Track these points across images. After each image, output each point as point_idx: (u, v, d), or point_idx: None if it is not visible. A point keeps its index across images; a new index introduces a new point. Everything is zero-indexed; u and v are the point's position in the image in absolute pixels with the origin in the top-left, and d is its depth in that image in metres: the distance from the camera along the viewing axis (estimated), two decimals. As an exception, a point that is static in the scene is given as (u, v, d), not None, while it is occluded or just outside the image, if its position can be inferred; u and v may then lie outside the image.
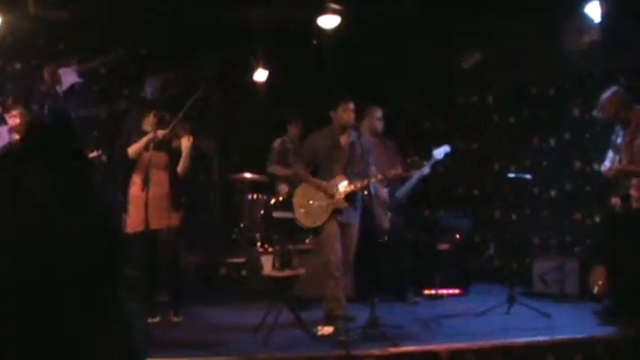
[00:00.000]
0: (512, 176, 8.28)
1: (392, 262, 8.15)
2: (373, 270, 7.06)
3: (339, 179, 6.84)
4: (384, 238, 7.94)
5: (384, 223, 7.93)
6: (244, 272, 9.23)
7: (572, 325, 6.66)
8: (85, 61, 9.55)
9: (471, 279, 9.00)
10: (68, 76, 9.33)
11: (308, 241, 8.72)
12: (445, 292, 8.71)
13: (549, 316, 6.83)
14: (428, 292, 8.64)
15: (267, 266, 8.21)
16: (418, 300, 8.26)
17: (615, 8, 7.59)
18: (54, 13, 8.88)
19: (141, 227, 6.58)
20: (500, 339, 6.05)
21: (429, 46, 9.78)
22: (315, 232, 7.11)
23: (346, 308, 6.79)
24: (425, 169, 8.01)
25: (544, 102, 9.65)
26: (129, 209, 7.11)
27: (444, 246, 8.98)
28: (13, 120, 7.52)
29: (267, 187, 9.85)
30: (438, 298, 8.61)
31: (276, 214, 9.09)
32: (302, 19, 8.84)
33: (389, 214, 8.05)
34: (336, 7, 8.39)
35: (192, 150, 7.03)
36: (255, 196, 9.73)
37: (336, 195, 6.76)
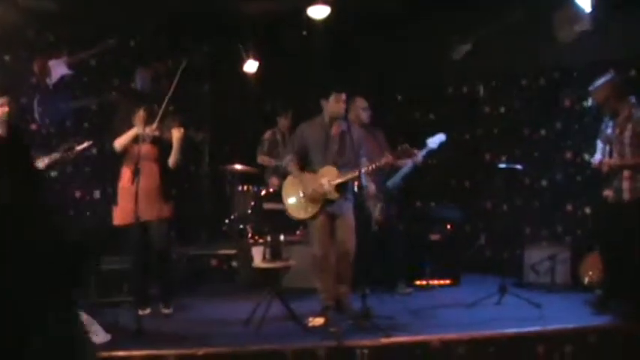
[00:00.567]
0: (503, 167, 8.27)
1: (383, 253, 8.14)
2: (364, 261, 7.04)
3: (329, 170, 6.81)
4: (375, 229, 7.92)
5: (374, 214, 7.92)
6: (235, 264, 9.22)
7: (563, 315, 6.65)
8: (75, 53, 9.51)
9: (462, 269, 9.01)
10: (58, 68, 9.29)
11: (298, 232, 8.72)
12: (436, 282, 8.73)
13: (540, 307, 6.83)
14: (419, 282, 8.65)
15: (258, 258, 8.24)
16: (409, 291, 8.26)
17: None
18: (43, 5, 8.83)
19: (131, 219, 6.57)
20: (491, 329, 6.05)
21: (418, 36, 9.77)
22: (306, 223, 7.09)
23: (350, 299, 6.81)
24: (417, 158, 7.96)
25: (535, 92, 9.65)
26: (119, 201, 7.10)
27: (435, 237, 8.99)
28: (1, 109, 7.48)
29: (258, 179, 9.83)
30: (429, 288, 8.62)
31: (267, 206, 9.07)
32: (292, 10, 8.81)
33: (379, 206, 8.03)
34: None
35: (183, 141, 7.01)
36: (246, 187, 9.70)
37: (327, 186, 6.74)
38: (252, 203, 9.52)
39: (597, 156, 6.90)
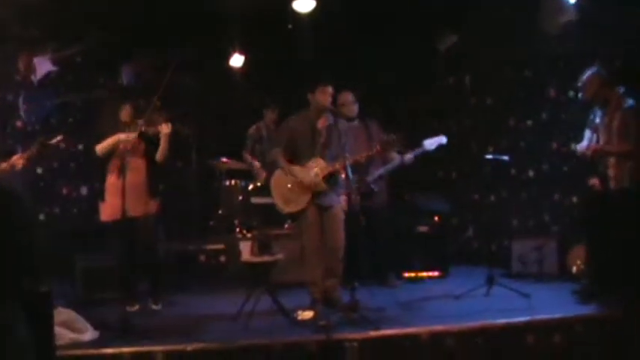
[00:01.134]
0: (489, 158, 8.27)
1: (372, 246, 8.13)
2: (353, 254, 7.04)
3: (317, 162, 6.80)
4: (362, 222, 7.90)
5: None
6: (223, 259, 9.19)
7: (552, 304, 6.67)
8: (60, 49, 9.46)
9: (451, 261, 9.04)
10: (43, 65, 9.26)
11: (287, 226, 8.70)
12: (425, 274, 8.74)
13: (528, 297, 6.85)
14: (408, 275, 8.68)
15: (246, 252, 8.23)
16: (398, 283, 8.28)
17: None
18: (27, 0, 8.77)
19: (118, 215, 6.54)
20: (480, 320, 6.06)
21: (404, 28, 9.75)
22: (294, 217, 7.07)
23: (340, 292, 6.80)
24: (407, 157, 7.96)
25: (520, 83, 9.66)
26: (106, 197, 7.08)
27: (423, 229, 9.01)
28: None
29: (245, 173, 9.81)
30: (417, 280, 8.64)
31: (255, 200, 9.07)
32: (277, 4, 8.78)
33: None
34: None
35: (171, 137, 6.99)
36: (233, 182, 9.70)
37: (314, 178, 6.73)
38: (240, 198, 9.51)
39: (584, 143, 6.92)
